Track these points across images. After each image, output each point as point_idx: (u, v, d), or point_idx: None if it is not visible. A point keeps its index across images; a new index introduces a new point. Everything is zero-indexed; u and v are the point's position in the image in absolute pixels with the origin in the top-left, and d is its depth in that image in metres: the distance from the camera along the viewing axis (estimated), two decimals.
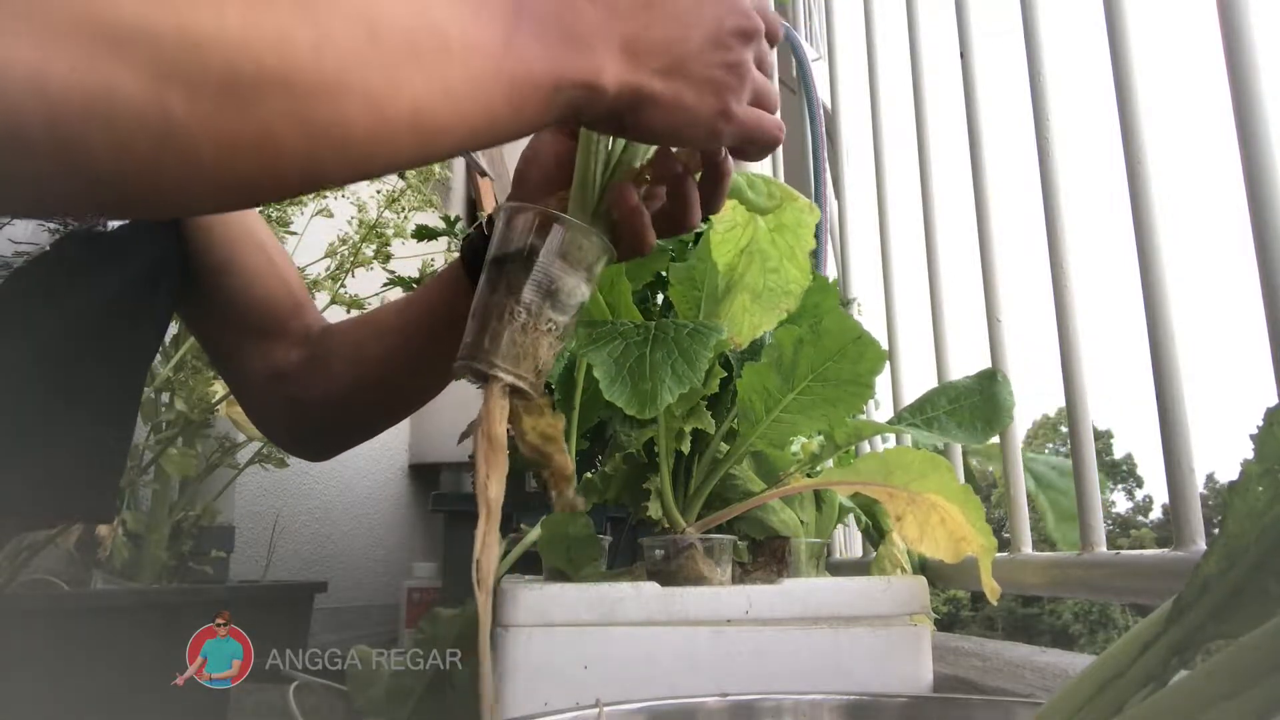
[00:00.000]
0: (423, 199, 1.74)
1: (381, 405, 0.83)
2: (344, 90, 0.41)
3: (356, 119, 0.42)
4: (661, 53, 0.51)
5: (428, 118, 0.44)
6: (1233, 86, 0.67)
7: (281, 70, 0.39)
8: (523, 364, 0.53)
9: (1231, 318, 53.83)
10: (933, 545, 0.85)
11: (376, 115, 0.42)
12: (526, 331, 0.53)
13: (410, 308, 0.78)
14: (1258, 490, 0.25)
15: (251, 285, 0.81)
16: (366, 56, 0.42)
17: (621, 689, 0.76)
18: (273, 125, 0.40)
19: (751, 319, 0.87)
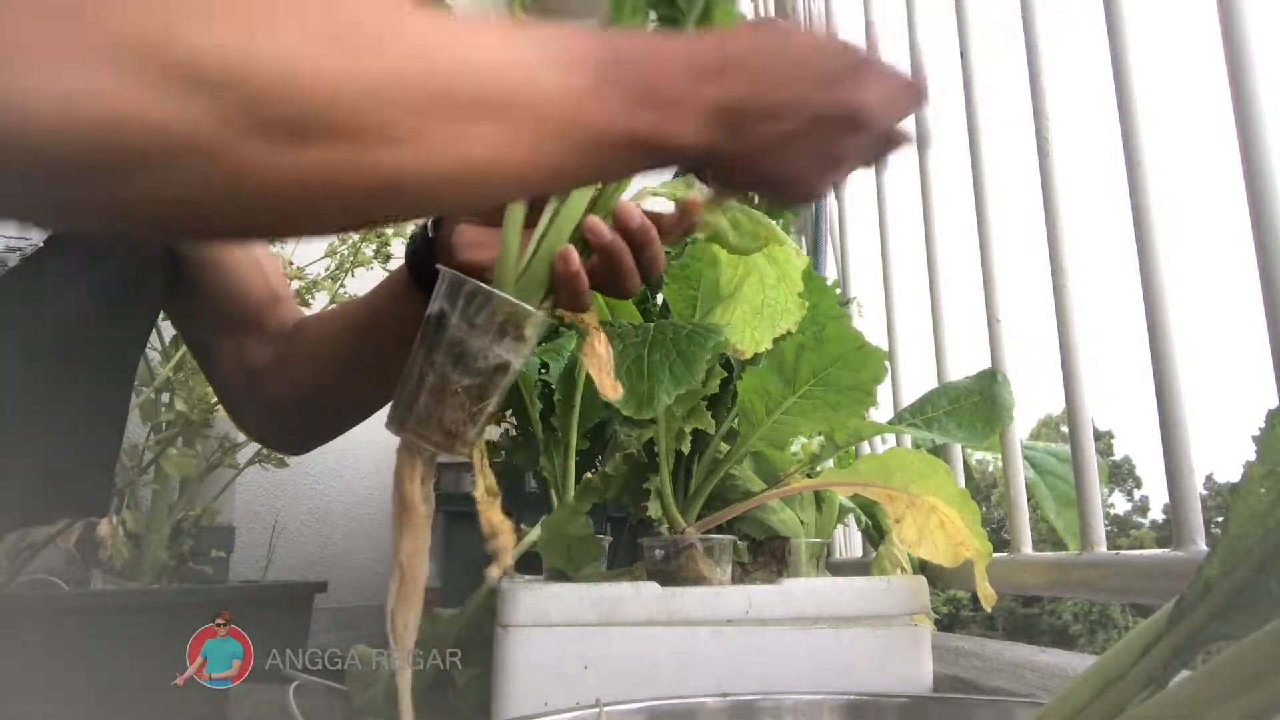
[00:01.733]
0: None
1: (343, 406, 0.82)
2: (401, 139, 0.40)
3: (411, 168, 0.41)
4: (754, 126, 0.49)
5: (488, 170, 0.43)
6: (1233, 86, 0.67)
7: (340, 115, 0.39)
8: (429, 425, 0.52)
9: (1231, 318, 53.82)
10: (931, 549, 0.85)
11: (431, 165, 0.42)
12: (434, 394, 0.52)
13: (360, 312, 0.78)
14: (1260, 492, 0.25)
15: (231, 278, 0.81)
16: (431, 104, 0.41)
17: (621, 689, 0.76)
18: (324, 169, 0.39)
19: (754, 334, 0.87)
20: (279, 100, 0.37)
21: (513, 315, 0.54)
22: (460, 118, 0.42)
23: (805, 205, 0.56)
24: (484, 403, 0.53)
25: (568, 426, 1.04)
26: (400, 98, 0.40)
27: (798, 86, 0.50)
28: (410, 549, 0.51)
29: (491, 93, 0.43)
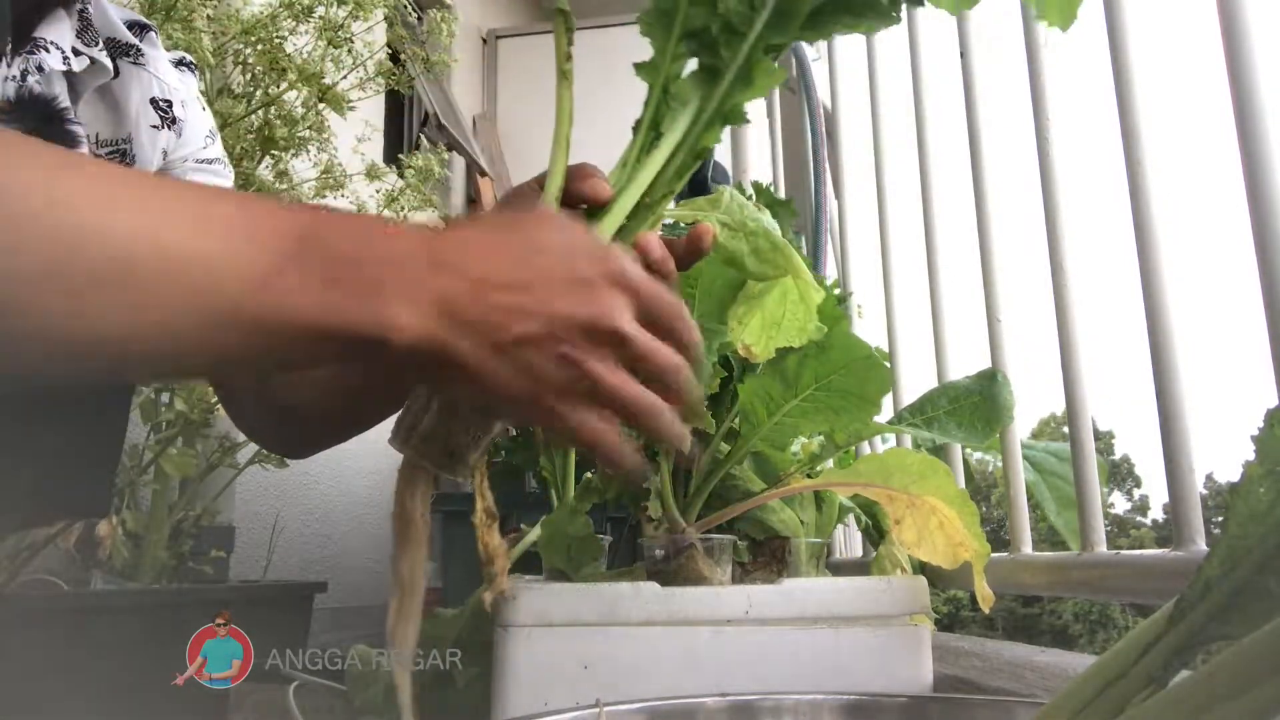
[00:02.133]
0: (422, 199, 1.74)
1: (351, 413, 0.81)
2: (18, 310, 0.39)
3: (31, 340, 0.40)
4: (482, 323, 0.44)
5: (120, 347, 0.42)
6: (1233, 86, 0.67)
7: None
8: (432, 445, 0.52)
9: (1231, 318, 53.85)
10: (930, 550, 0.85)
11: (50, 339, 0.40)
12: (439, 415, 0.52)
13: None
14: (1259, 492, 0.25)
15: None
16: (56, 277, 0.40)
17: (621, 689, 0.76)
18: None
19: (767, 341, 0.87)
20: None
21: None
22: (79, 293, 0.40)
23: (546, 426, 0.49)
24: (487, 426, 0.53)
25: None
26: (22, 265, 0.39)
27: (536, 288, 0.45)
28: (409, 565, 0.51)
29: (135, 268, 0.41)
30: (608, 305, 0.46)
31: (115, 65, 0.73)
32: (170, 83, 0.79)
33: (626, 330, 0.46)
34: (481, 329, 0.44)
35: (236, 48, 1.50)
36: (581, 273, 0.46)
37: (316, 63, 1.52)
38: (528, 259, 0.46)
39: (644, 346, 0.47)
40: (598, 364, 0.46)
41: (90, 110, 0.72)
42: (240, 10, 1.52)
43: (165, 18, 1.38)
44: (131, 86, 0.75)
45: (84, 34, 0.70)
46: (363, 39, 1.59)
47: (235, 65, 1.51)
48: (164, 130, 0.77)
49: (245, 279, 0.42)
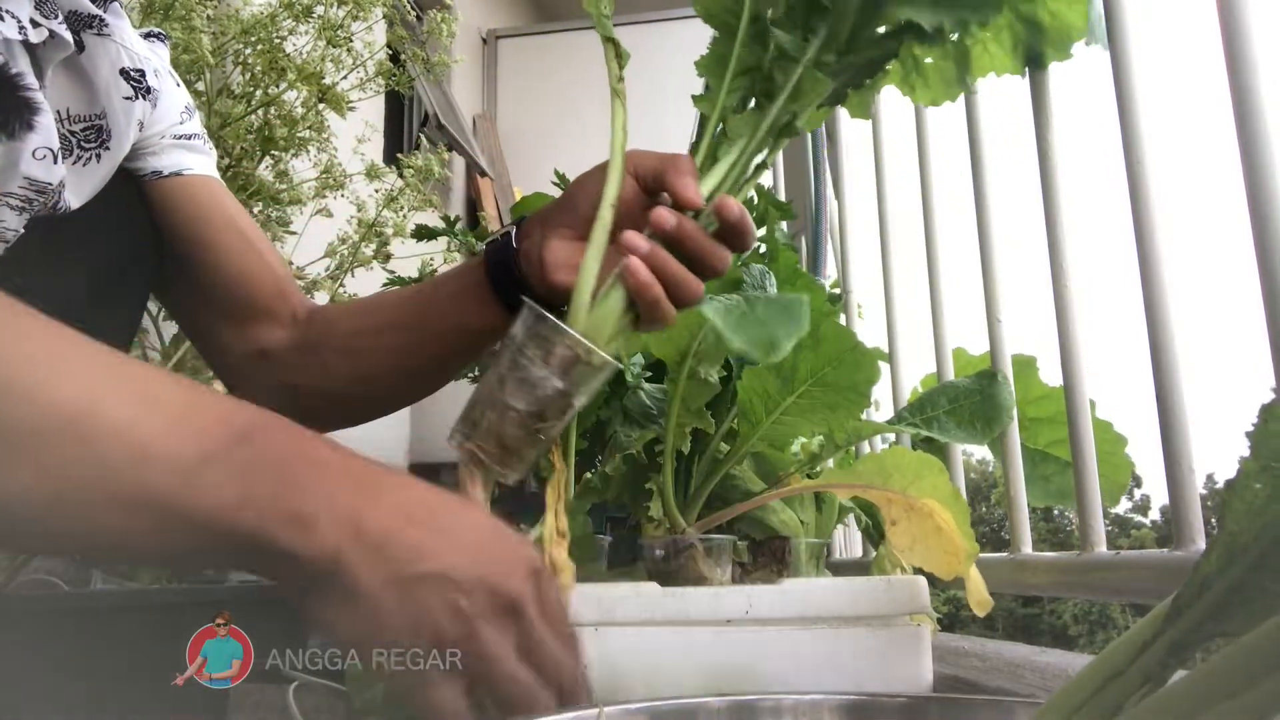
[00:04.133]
0: (422, 199, 1.74)
1: (378, 399, 0.82)
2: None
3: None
4: (390, 551, 0.43)
5: (30, 514, 0.41)
6: (1233, 86, 0.67)
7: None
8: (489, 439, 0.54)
9: (1231, 318, 53.83)
10: (924, 556, 0.85)
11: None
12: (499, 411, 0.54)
13: (418, 307, 0.76)
14: (1256, 488, 0.25)
15: (226, 263, 0.80)
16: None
17: (621, 689, 0.76)
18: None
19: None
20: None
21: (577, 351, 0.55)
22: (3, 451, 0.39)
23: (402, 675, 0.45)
24: (543, 424, 0.54)
25: (567, 426, 1.04)
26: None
27: (454, 537, 0.45)
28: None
29: (48, 430, 0.40)
30: (518, 579, 0.45)
31: (79, 39, 0.71)
32: (140, 51, 0.76)
33: (527, 609, 0.46)
34: (386, 557, 0.43)
35: (236, 48, 1.50)
36: (500, 547, 0.47)
37: (316, 63, 1.52)
38: (455, 513, 0.47)
39: (539, 631, 0.46)
40: (488, 628, 0.44)
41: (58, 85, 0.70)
42: (240, 10, 1.52)
43: (164, 17, 1.39)
44: (99, 59, 0.72)
45: (43, 5, 0.67)
46: (363, 39, 1.59)
47: (235, 65, 1.51)
48: (138, 101, 0.75)
49: (169, 466, 0.41)
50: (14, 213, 0.64)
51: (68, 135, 0.71)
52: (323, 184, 1.64)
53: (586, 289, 0.57)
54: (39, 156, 0.64)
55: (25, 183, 0.64)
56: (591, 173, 0.64)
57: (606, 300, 0.57)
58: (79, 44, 0.71)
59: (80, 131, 0.72)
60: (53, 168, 0.65)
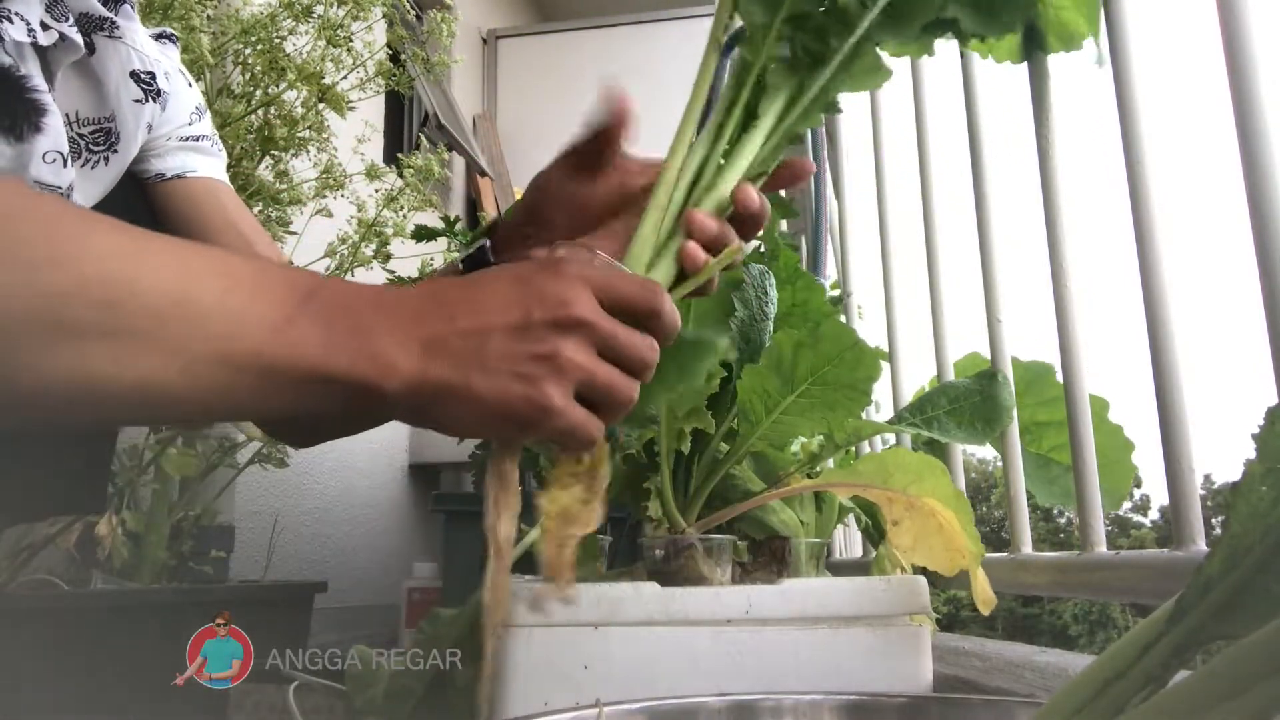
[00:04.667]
0: (422, 199, 1.74)
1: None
2: (57, 360, 0.42)
3: (63, 387, 0.43)
4: (461, 347, 0.48)
5: (147, 393, 0.44)
6: (1233, 86, 0.67)
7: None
8: None
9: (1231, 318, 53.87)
10: (926, 554, 0.85)
11: (81, 386, 0.43)
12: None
13: None
14: (1261, 490, 0.25)
15: None
16: (95, 326, 0.43)
17: (621, 689, 0.76)
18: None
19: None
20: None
21: None
22: (119, 336, 0.43)
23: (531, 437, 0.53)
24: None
25: None
26: (65, 308, 0.42)
27: (500, 310, 0.49)
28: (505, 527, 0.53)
29: (164, 315, 0.44)
30: (567, 298, 0.49)
31: (90, 41, 0.71)
32: (150, 54, 0.76)
33: (589, 316, 0.50)
34: (463, 355, 0.48)
35: (236, 48, 1.50)
36: (538, 282, 0.50)
37: (316, 63, 1.52)
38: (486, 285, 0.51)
39: (607, 329, 0.50)
40: (571, 348, 0.49)
41: (68, 88, 0.70)
42: (240, 10, 1.52)
43: (163, 17, 1.38)
44: (109, 61, 0.73)
45: (53, 8, 0.68)
46: (362, 39, 1.59)
47: (235, 65, 1.51)
48: (148, 104, 0.75)
49: (263, 327, 0.46)
50: None
51: (76, 138, 0.70)
52: (323, 184, 1.64)
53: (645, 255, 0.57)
54: (49, 160, 0.64)
55: (35, 187, 0.64)
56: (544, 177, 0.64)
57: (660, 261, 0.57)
58: (90, 46, 0.71)
59: (89, 134, 0.72)
60: (62, 171, 0.65)
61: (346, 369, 0.47)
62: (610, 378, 0.51)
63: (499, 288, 0.50)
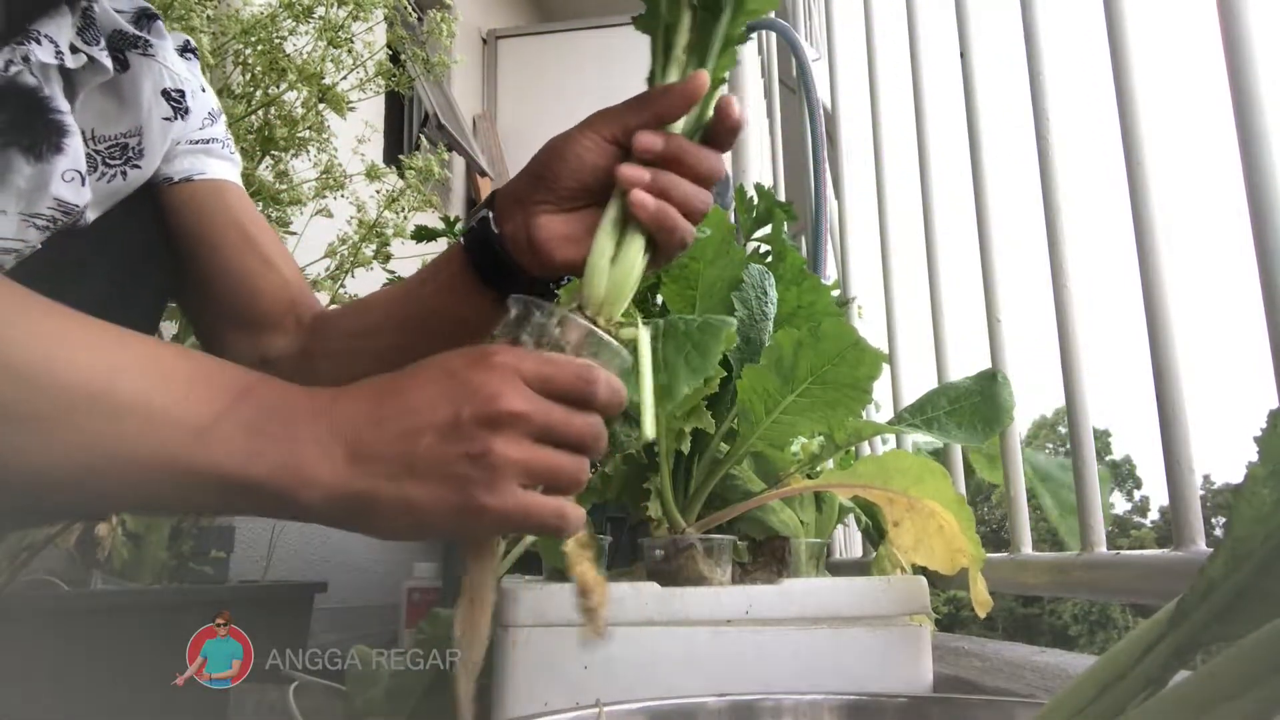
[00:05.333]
0: (422, 199, 1.74)
1: None
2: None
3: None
4: (390, 455, 0.47)
5: (50, 480, 0.44)
6: (1233, 86, 0.67)
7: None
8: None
9: (1231, 318, 53.84)
10: (928, 554, 0.85)
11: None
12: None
13: (407, 305, 0.74)
14: (1263, 493, 0.25)
15: (231, 268, 0.79)
16: (3, 401, 0.42)
17: (621, 689, 0.76)
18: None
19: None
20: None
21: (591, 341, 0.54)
22: (28, 425, 0.43)
23: (468, 537, 0.53)
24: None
25: None
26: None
27: (428, 409, 0.48)
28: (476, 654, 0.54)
29: (66, 405, 0.43)
30: (496, 392, 0.48)
31: (125, 58, 0.72)
32: (180, 71, 0.77)
33: (520, 408, 0.48)
34: (391, 462, 0.47)
35: (236, 48, 1.50)
36: (466, 377, 0.49)
37: (316, 63, 1.52)
38: (411, 379, 0.50)
39: (542, 417, 0.49)
40: (502, 444, 0.47)
41: (90, 106, 0.70)
42: (240, 10, 1.52)
43: (163, 17, 1.38)
44: (143, 79, 0.74)
45: (85, 31, 0.68)
46: (363, 39, 1.59)
47: (235, 65, 1.51)
48: (175, 121, 0.76)
49: (182, 430, 0.45)
50: (39, 232, 0.65)
51: (93, 154, 0.71)
52: (323, 184, 1.64)
53: (603, 252, 0.55)
54: (68, 179, 0.65)
55: (54, 204, 0.65)
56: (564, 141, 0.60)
57: (624, 252, 0.56)
58: (124, 63, 0.72)
59: (105, 149, 0.72)
60: (80, 190, 0.66)
61: (265, 478, 0.46)
62: (551, 463, 0.49)
63: (428, 386, 0.49)
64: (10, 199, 0.62)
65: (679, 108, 0.57)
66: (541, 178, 0.60)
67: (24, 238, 0.64)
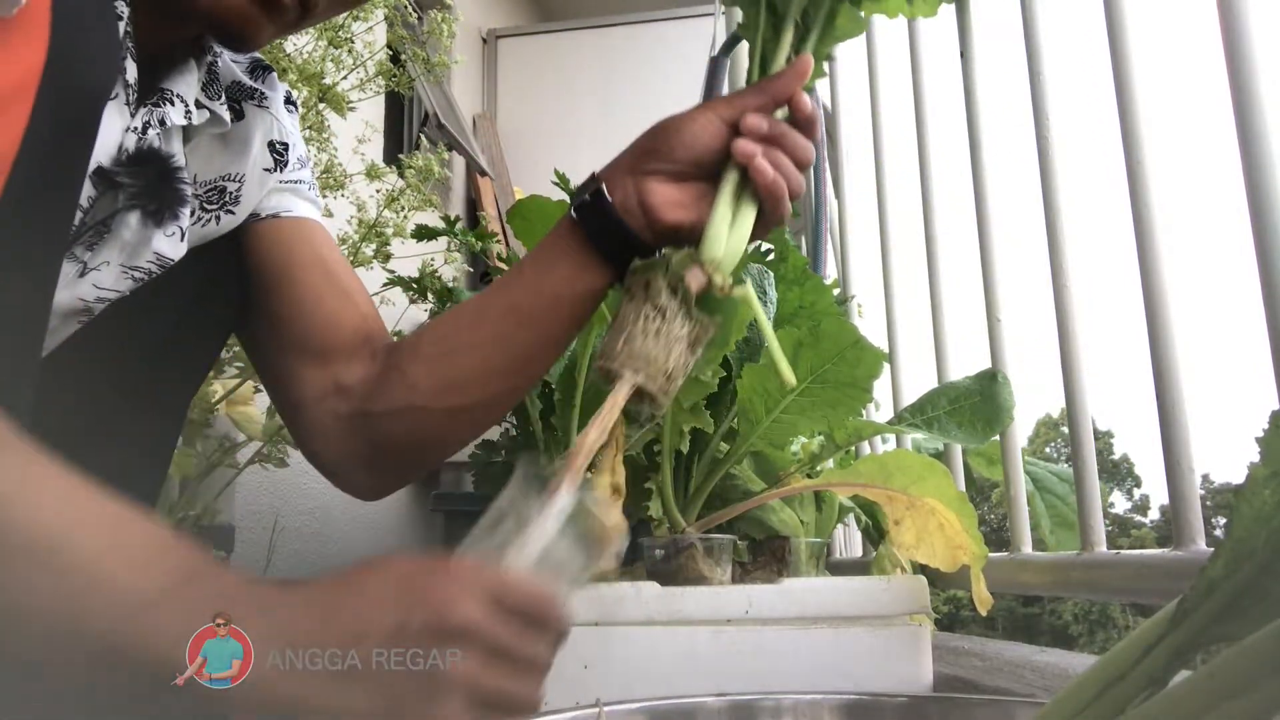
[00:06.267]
0: (422, 199, 1.74)
1: (469, 408, 0.75)
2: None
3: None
4: (328, 660, 0.45)
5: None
6: (1233, 86, 0.67)
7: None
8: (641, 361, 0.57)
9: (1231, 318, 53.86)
10: (929, 552, 0.85)
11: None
12: (664, 346, 0.57)
13: (509, 293, 0.72)
14: (1265, 494, 0.25)
15: (309, 297, 0.78)
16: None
17: (621, 689, 0.76)
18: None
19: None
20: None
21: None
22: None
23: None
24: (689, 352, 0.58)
25: (568, 426, 1.04)
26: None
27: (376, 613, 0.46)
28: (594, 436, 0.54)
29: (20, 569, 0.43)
30: (449, 600, 0.45)
31: (241, 108, 0.73)
32: (286, 125, 0.78)
33: (472, 622, 0.45)
34: (329, 667, 0.45)
35: None
36: (419, 583, 0.46)
37: (317, 63, 1.52)
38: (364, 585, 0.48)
39: (493, 634, 0.46)
40: (451, 658, 0.45)
41: (197, 152, 0.71)
42: None
43: None
44: (255, 130, 0.75)
45: (209, 87, 0.69)
46: (363, 39, 1.59)
47: None
48: (275, 173, 0.77)
49: (123, 602, 0.44)
50: (134, 283, 0.66)
51: (192, 198, 0.71)
52: (323, 184, 1.64)
53: (724, 218, 0.61)
54: (169, 234, 0.66)
55: (154, 257, 0.66)
56: (681, 119, 0.65)
57: (740, 219, 0.62)
58: (239, 113, 0.73)
59: (204, 194, 0.73)
60: (179, 245, 0.67)
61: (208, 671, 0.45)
62: (500, 685, 0.46)
63: (379, 589, 0.47)
64: (115, 251, 0.63)
65: (792, 85, 0.63)
66: (655, 150, 0.65)
67: (119, 288, 0.65)
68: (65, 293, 0.62)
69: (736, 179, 0.62)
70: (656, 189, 0.64)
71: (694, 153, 0.63)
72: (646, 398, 0.57)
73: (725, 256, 0.60)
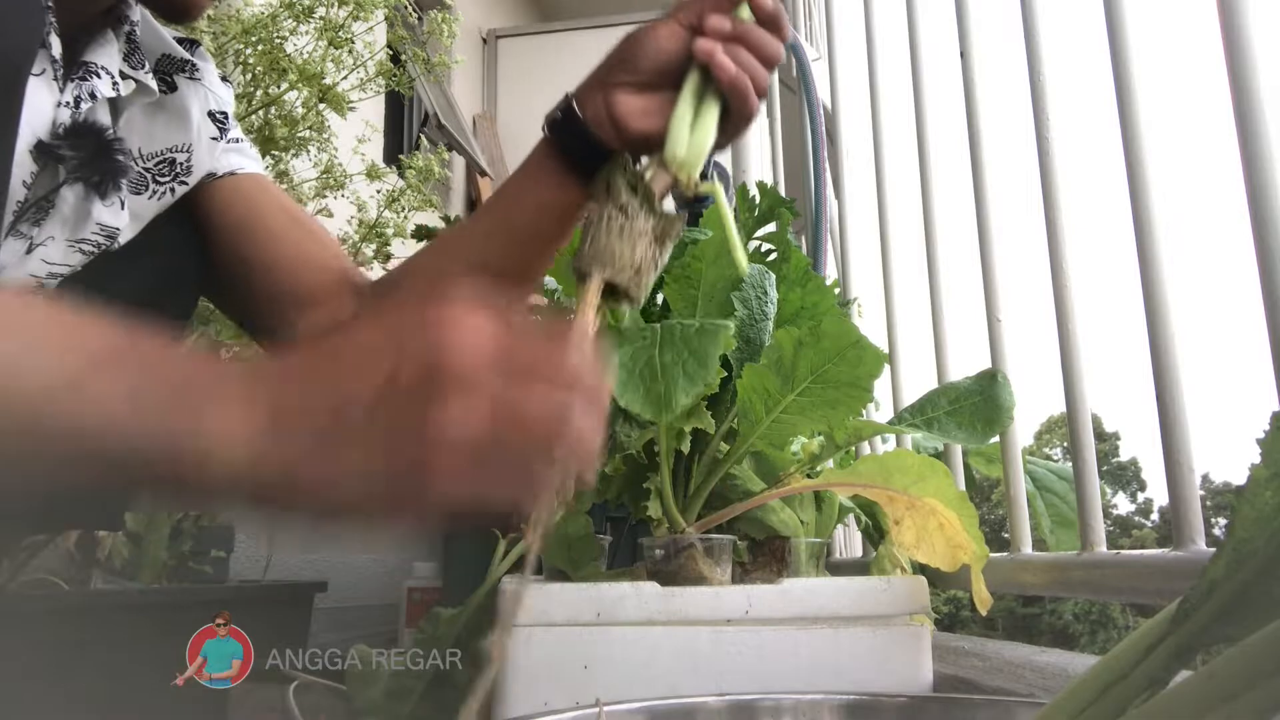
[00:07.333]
0: (422, 199, 1.74)
1: None
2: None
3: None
4: (318, 421, 0.38)
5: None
6: (1233, 86, 0.67)
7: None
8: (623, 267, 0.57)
9: (1231, 318, 53.86)
10: (929, 552, 0.85)
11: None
12: (629, 243, 0.57)
13: (493, 213, 0.74)
14: (1266, 495, 0.25)
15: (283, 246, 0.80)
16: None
17: (621, 689, 0.76)
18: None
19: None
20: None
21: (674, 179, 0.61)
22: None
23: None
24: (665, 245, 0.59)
25: None
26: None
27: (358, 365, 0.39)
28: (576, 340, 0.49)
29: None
30: (439, 346, 0.38)
31: (173, 81, 0.75)
32: (222, 95, 0.80)
33: (468, 369, 0.38)
34: (319, 428, 0.38)
35: (237, 48, 1.50)
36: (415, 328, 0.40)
37: (317, 63, 1.52)
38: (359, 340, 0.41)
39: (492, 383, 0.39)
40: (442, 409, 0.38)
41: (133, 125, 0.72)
42: (240, 10, 1.52)
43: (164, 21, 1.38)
44: (191, 101, 0.76)
45: (131, 57, 0.70)
46: (363, 39, 1.59)
47: (235, 65, 1.51)
48: (220, 141, 0.79)
49: (46, 382, 0.37)
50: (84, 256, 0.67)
51: (142, 172, 0.73)
52: (323, 184, 1.64)
53: (684, 117, 0.61)
54: (108, 204, 0.67)
55: (97, 228, 0.66)
56: (645, 30, 0.66)
57: (702, 119, 0.62)
58: (172, 86, 0.74)
59: (154, 166, 0.74)
60: (119, 213, 0.68)
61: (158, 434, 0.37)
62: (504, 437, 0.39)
63: (372, 337, 0.40)
64: (58, 226, 0.64)
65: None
66: (622, 61, 0.66)
67: (69, 262, 0.66)
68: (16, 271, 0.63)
69: (698, 79, 0.63)
70: (623, 99, 0.65)
71: (658, 61, 0.64)
72: (620, 294, 0.56)
73: (688, 155, 0.61)
